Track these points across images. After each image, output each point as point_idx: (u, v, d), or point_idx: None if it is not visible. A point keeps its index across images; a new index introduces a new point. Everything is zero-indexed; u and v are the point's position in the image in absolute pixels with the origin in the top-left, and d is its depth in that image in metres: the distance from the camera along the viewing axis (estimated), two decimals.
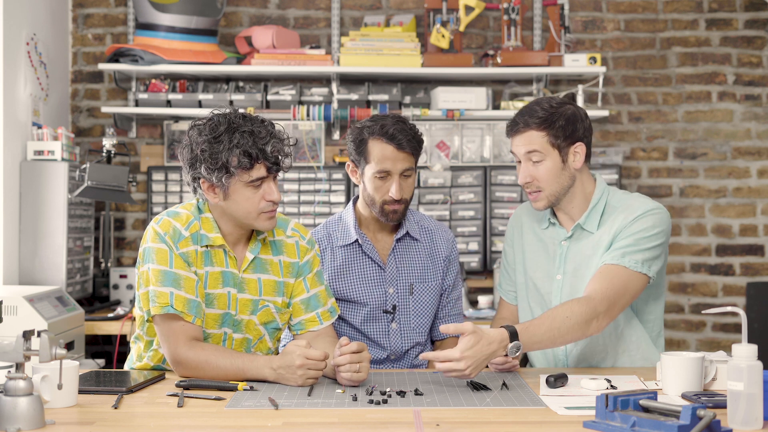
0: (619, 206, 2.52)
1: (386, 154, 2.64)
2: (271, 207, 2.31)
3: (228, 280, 2.36)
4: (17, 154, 3.83)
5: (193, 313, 2.29)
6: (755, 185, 4.58)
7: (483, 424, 1.87)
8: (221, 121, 2.27)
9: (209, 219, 2.36)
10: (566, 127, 2.47)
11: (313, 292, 2.47)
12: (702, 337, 4.57)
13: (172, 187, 4.41)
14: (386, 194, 2.66)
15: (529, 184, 2.51)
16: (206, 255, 2.34)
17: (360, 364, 2.19)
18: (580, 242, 2.54)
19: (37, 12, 4.09)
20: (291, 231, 2.49)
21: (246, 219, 2.32)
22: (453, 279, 2.86)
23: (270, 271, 2.42)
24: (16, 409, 1.79)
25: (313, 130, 4.43)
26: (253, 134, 2.24)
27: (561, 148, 2.48)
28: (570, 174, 2.50)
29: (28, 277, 3.84)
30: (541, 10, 4.51)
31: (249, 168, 2.25)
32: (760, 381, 1.78)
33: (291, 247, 2.47)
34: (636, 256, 2.41)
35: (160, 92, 4.30)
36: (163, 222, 2.34)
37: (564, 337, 2.32)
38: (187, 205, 2.40)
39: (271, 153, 2.25)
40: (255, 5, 4.58)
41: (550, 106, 2.49)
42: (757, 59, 4.59)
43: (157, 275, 2.30)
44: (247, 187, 2.28)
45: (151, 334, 2.40)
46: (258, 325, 2.41)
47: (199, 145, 2.26)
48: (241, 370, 2.24)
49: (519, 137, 2.51)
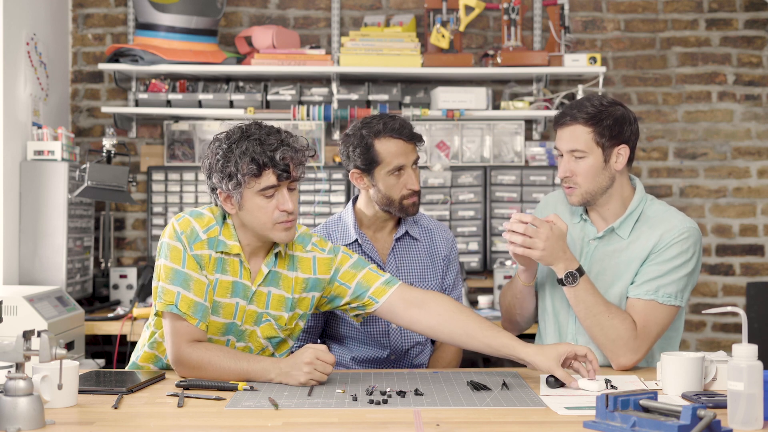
0: (654, 218, 2.50)
1: (399, 149, 2.67)
2: (286, 217, 2.27)
3: (238, 291, 2.33)
4: (17, 154, 3.83)
5: (198, 317, 2.27)
6: (755, 185, 4.58)
7: (483, 424, 1.87)
8: (236, 131, 2.27)
9: (230, 226, 2.33)
10: (613, 127, 2.46)
11: (353, 284, 2.40)
12: (702, 337, 4.57)
13: (172, 187, 4.41)
14: (403, 189, 2.68)
15: (568, 179, 2.49)
16: (219, 262, 2.32)
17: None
18: (610, 246, 2.52)
19: (37, 12, 4.09)
20: (311, 246, 2.44)
21: (262, 230, 2.29)
22: (453, 278, 2.86)
23: (281, 287, 2.38)
24: (16, 409, 1.79)
25: (313, 130, 4.43)
26: (261, 142, 2.22)
27: (605, 147, 2.46)
28: (610, 175, 2.48)
29: (28, 277, 3.84)
30: (541, 10, 4.51)
31: (258, 176, 2.22)
32: (760, 381, 1.78)
33: (307, 263, 2.42)
34: (669, 288, 2.42)
35: (160, 92, 4.30)
36: (183, 220, 2.31)
37: (594, 329, 2.40)
38: (213, 208, 2.37)
39: (280, 160, 2.22)
40: (255, 5, 4.58)
41: (600, 104, 2.47)
42: (757, 59, 4.59)
43: (167, 272, 2.28)
44: (259, 196, 2.25)
45: (159, 326, 2.39)
46: (260, 337, 2.39)
47: (215, 155, 2.26)
48: (246, 372, 2.22)
49: (565, 130, 2.49)
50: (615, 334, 2.38)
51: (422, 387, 2.19)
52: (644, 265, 2.46)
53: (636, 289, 2.45)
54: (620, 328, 2.38)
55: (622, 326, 2.38)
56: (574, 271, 2.38)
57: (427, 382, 2.27)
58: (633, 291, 2.45)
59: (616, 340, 2.39)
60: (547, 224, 2.36)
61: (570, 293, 2.41)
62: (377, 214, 2.76)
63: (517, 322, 2.67)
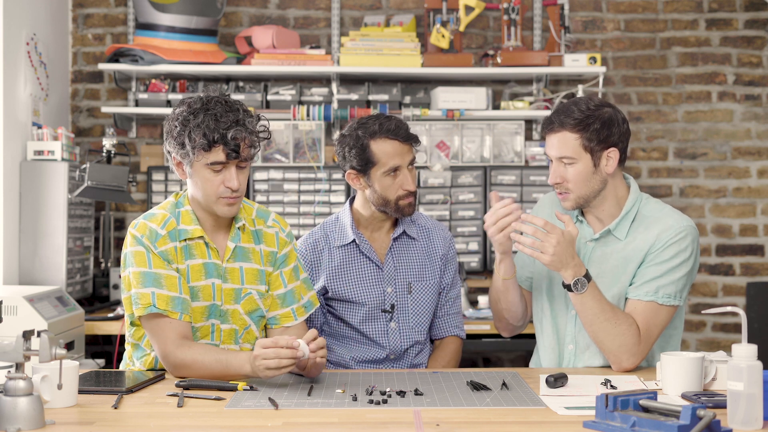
0: (650, 217, 2.49)
1: (395, 150, 2.67)
2: (230, 193, 2.32)
3: (211, 271, 2.38)
4: (17, 154, 3.83)
5: (179, 310, 2.30)
6: (755, 185, 4.58)
7: (483, 424, 1.87)
8: (197, 102, 2.31)
9: (188, 212, 2.39)
10: (601, 131, 2.43)
11: (289, 287, 2.47)
12: (702, 337, 4.57)
13: (172, 187, 4.41)
14: (399, 190, 2.69)
15: (559, 185, 2.48)
16: (186, 249, 2.36)
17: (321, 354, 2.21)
18: (607, 247, 2.50)
19: (37, 12, 4.09)
20: (272, 221, 2.51)
21: (207, 202, 2.35)
22: (451, 277, 2.86)
23: (252, 260, 2.43)
24: (16, 409, 1.79)
25: (313, 130, 4.43)
26: (217, 118, 2.26)
27: (594, 152, 2.44)
28: (601, 178, 2.46)
29: (28, 277, 3.83)
30: (541, 10, 4.51)
31: (207, 150, 2.27)
32: (760, 381, 1.78)
33: (271, 237, 2.48)
34: (668, 289, 2.42)
35: (160, 92, 4.30)
36: (140, 225, 2.37)
37: (600, 335, 2.38)
38: (164, 205, 2.43)
39: (231, 139, 2.26)
40: (255, 5, 4.58)
41: (587, 108, 2.45)
42: (757, 59, 4.59)
43: (137, 277, 2.32)
44: (207, 169, 2.30)
45: (137, 337, 2.42)
46: (243, 314, 2.41)
47: (173, 122, 2.32)
48: (225, 366, 2.22)
49: (553, 137, 2.48)
50: (621, 340, 2.37)
51: (422, 387, 2.20)
52: (642, 266, 2.45)
53: (635, 290, 2.44)
54: (627, 334, 2.37)
55: (629, 332, 2.37)
56: (583, 277, 2.36)
57: (427, 382, 2.27)
58: (632, 292, 2.45)
59: (621, 346, 2.38)
60: (558, 230, 2.34)
61: (577, 299, 2.39)
62: (374, 214, 2.76)
63: (505, 318, 2.65)
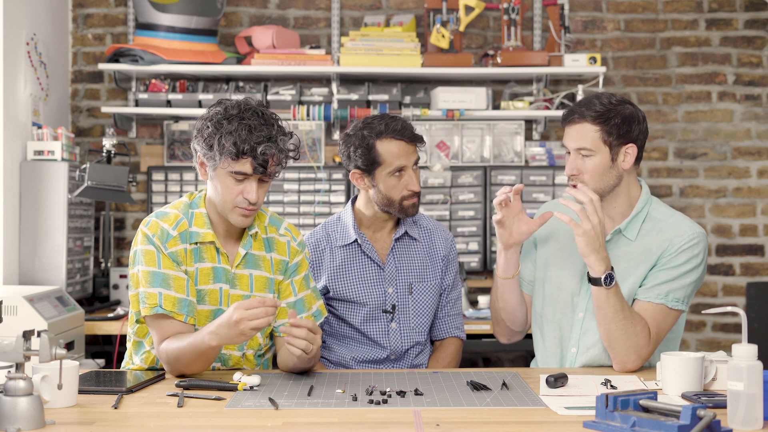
0: (661, 221, 2.49)
1: (400, 150, 2.68)
2: (247, 205, 2.31)
3: (219, 276, 2.37)
4: (17, 154, 3.83)
5: (185, 312, 2.30)
6: (755, 185, 4.58)
7: (483, 424, 1.87)
8: (234, 107, 2.30)
9: (202, 214, 2.38)
10: (621, 126, 2.44)
11: (300, 296, 2.47)
12: (702, 337, 4.57)
13: (172, 187, 4.40)
14: (404, 190, 2.69)
15: (574, 177, 2.48)
16: (196, 252, 2.36)
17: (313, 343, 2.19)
18: (618, 249, 2.49)
19: (37, 12, 4.09)
20: (284, 230, 2.50)
21: (222, 208, 2.34)
22: (452, 278, 2.86)
23: (262, 268, 2.43)
24: (16, 409, 1.79)
25: (313, 130, 4.43)
26: (250, 129, 2.25)
27: (612, 146, 2.44)
28: (617, 173, 2.47)
29: (28, 277, 3.84)
30: (541, 10, 4.51)
31: (234, 159, 2.26)
32: (760, 381, 1.78)
33: (282, 246, 2.47)
34: (678, 293, 2.42)
35: (160, 92, 4.30)
36: (151, 224, 2.36)
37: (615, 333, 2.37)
38: (177, 204, 2.41)
39: (260, 154, 2.25)
40: (255, 5, 4.58)
41: (609, 102, 2.46)
42: (757, 59, 4.59)
43: (146, 276, 2.31)
44: (230, 176, 2.29)
45: (140, 335, 2.42)
46: None
47: (206, 121, 2.30)
48: (192, 345, 2.21)
49: (572, 128, 2.47)
50: (634, 341, 2.37)
51: (422, 387, 2.20)
52: (654, 270, 2.44)
53: (646, 292, 2.44)
54: (640, 335, 2.37)
55: (642, 333, 2.37)
56: (611, 272, 2.36)
57: (427, 382, 2.27)
58: (643, 294, 2.44)
59: (631, 347, 2.37)
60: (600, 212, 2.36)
61: (602, 294, 2.37)
62: (377, 214, 2.77)
63: (503, 320, 2.65)
